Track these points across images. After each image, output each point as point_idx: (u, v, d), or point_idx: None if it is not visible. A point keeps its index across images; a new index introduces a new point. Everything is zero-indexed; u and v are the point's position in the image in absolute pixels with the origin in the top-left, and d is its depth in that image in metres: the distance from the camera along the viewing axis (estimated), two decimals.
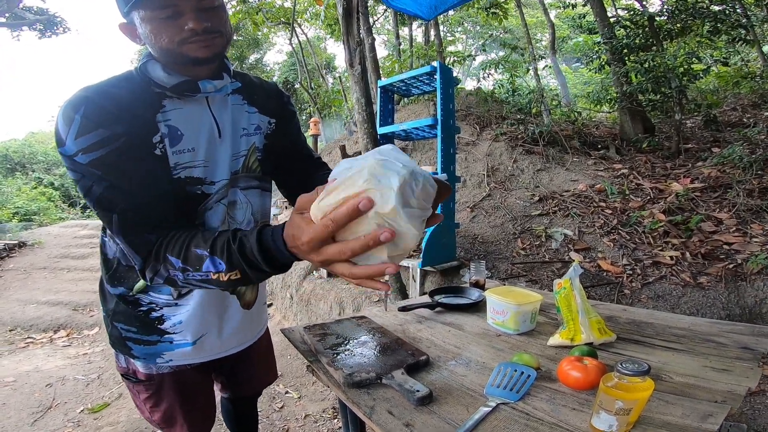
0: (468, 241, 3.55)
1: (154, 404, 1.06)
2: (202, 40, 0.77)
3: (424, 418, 0.80)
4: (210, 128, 0.87)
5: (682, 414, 0.75)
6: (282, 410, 2.49)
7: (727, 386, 0.84)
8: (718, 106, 6.35)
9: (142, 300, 0.96)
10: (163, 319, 0.97)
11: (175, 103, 0.82)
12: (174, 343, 1.00)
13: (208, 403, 1.17)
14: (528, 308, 1.24)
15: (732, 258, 3.02)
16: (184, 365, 1.03)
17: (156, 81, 0.81)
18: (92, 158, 0.71)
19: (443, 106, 2.88)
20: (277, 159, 1.05)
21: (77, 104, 0.72)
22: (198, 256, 0.69)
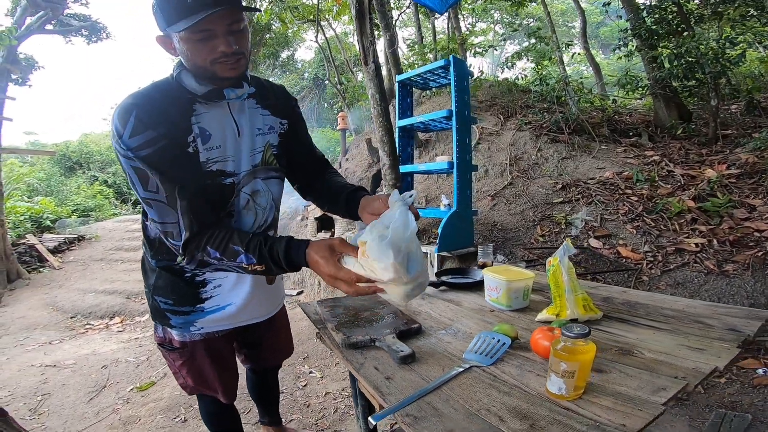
0: (487, 228, 3.61)
1: (188, 368, 1.23)
2: (231, 61, 0.92)
3: (403, 374, 0.92)
4: (232, 128, 1.02)
5: (636, 386, 0.78)
6: (305, 388, 2.67)
7: (694, 364, 0.86)
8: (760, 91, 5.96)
9: (186, 268, 1.10)
10: (206, 282, 1.14)
11: (203, 107, 0.97)
12: (205, 311, 1.15)
13: (233, 367, 1.34)
14: (519, 285, 1.32)
15: (762, 245, 2.92)
16: (213, 332, 1.20)
17: (189, 89, 0.95)
18: (147, 153, 0.88)
19: (457, 98, 2.97)
20: (291, 155, 1.20)
21: (129, 109, 0.87)
22: (234, 251, 0.91)
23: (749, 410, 1.82)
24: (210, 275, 1.13)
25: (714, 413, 1.76)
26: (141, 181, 0.90)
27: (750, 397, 1.93)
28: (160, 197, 0.91)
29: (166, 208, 0.91)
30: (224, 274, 1.14)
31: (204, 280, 1.13)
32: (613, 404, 0.73)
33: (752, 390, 1.99)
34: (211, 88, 0.96)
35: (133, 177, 0.91)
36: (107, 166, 13.64)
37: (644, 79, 5.63)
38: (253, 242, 0.91)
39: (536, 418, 0.71)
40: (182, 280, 1.12)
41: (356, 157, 6.50)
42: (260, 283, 1.23)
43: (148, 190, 0.91)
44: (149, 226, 1.11)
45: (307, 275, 4.55)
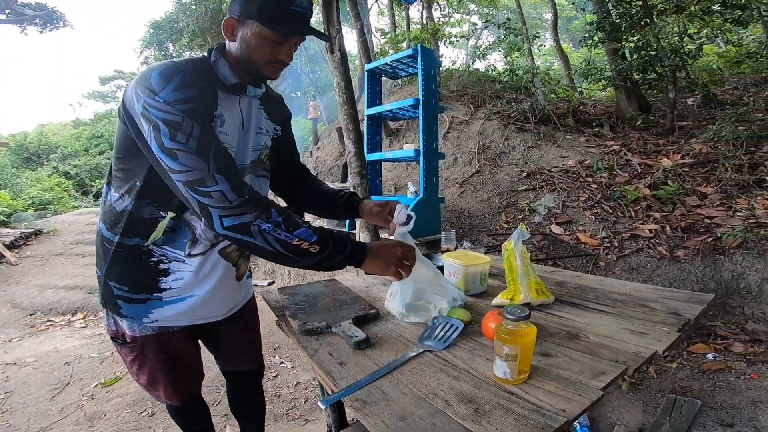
0: (455, 215, 3.67)
1: (139, 366, 1.15)
2: (279, 68, 1.00)
3: (357, 359, 0.93)
4: (238, 121, 1.05)
5: (579, 371, 0.80)
6: (276, 379, 2.67)
7: (635, 348, 0.89)
8: (716, 84, 6.26)
9: (154, 251, 1.03)
10: (169, 271, 1.06)
11: (223, 95, 1.00)
12: (163, 300, 1.07)
13: (191, 367, 1.24)
14: (476, 270, 1.34)
15: (712, 232, 3.08)
16: (168, 327, 1.12)
17: (219, 75, 0.99)
18: (188, 108, 0.88)
19: (424, 87, 2.99)
20: (279, 162, 1.24)
21: (176, 69, 0.90)
22: (296, 223, 0.92)
23: (699, 396, 1.89)
24: (176, 265, 1.07)
25: (665, 398, 1.82)
26: (169, 132, 0.87)
27: (700, 383, 2.01)
28: (189, 148, 0.88)
29: (195, 158, 0.88)
30: (190, 267, 1.08)
31: (168, 269, 1.07)
32: (556, 389, 0.76)
33: (702, 375, 2.07)
34: (238, 81, 1.01)
35: (161, 128, 0.87)
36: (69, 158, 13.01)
37: (608, 71, 5.80)
38: (314, 224, 0.96)
39: (481, 402, 0.73)
40: (143, 265, 1.05)
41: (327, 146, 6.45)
42: (227, 278, 1.17)
43: (175, 140, 0.87)
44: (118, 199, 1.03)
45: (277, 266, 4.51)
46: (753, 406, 1.74)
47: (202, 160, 0.88)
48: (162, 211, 1.01)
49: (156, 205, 1.01)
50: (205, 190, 0.88)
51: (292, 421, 2.21)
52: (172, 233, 1.04)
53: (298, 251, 0.92)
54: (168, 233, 1.03)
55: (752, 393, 1.85)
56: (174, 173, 0.89)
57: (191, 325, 1.16)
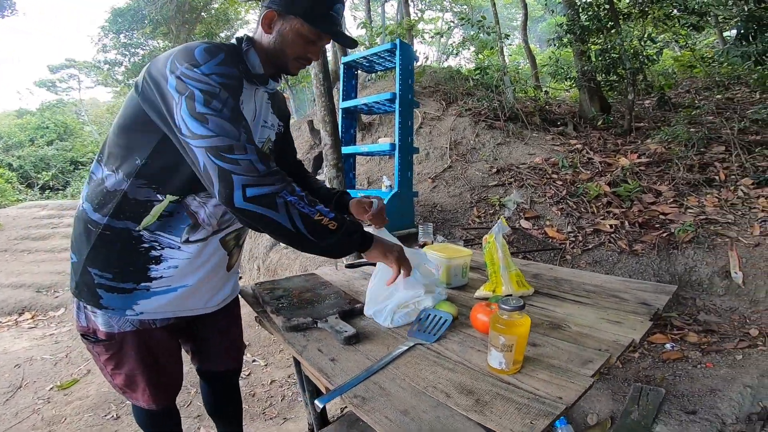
0: (427, 210, 3.72)
1: (115, 366, 1.07)
2: (304, 65, 1.05)
3: (348, 355, 0.92)
4: (252, 111, 1.06)
5: (567, 359, 0.83)
6: (249, 377, 2.60)
7: (614, 337, 0.93)
8: (671, 88, 6.64)
9: (145, 237, 0.97)
10: (161, 259, 0.99)
11: (245, 83, 1.01)
12: (151, 290, 1.00)
13: (173, 367, 1.16)
14: (458, 262, 1.36)
15: (666, 227, 3.29)
16: (151, 321, 1.05)
17: (248, 65, 1.01)
18: (226, 82, 0.89)
19: (402, 82, 2.99)
20: (280, 157, 1.25)
21: (221, 48, 0.92)
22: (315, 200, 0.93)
23: (661, 384, 1.97)
24: (169, 252, 1.00)
25: (632, 387, 1.90)
26: (205, 98, 0.86)
27: (661, 371, 2.10)
28: (223, 115, 0.87)
29: (228, 125, 0.86)
30: (187, 254, 1.02)
31: (160, 256, 1.00)
32: (549, 377, 0.78)
33: (662, 364, 2.17)
34: (263, 73, 1.04)
35: (196, 95, 0.86)
36: (12, 149, 12.07)
37: (573, 72, 6.03)
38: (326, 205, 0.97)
39: (481, 393, 0.74)
40: (133, 251, 0.98)
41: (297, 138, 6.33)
42: (219, 267, 1.13)
43: (209, 106, 0.86)
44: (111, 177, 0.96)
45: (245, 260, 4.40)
46: (712, 393, 1.82)
47: (235, 128, 0.87)
48: (159, 194, 0.95)
49: (155, 187, 0.95)
50: (233, 158, 0.85)
51: (270, 420, 2.16)
52: (168, 218, 0.98)
53: (318, 228, 0.90)
54: (164, 218, 0.98)
55: (710, 381, 1.93)
56: (198, 139, 0.85)
57: (177, 318, 1.10)
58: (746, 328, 2.47)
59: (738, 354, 2.20)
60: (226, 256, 1.14)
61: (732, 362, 2.12)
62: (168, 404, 1.20)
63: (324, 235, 0.91)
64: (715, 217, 3.29)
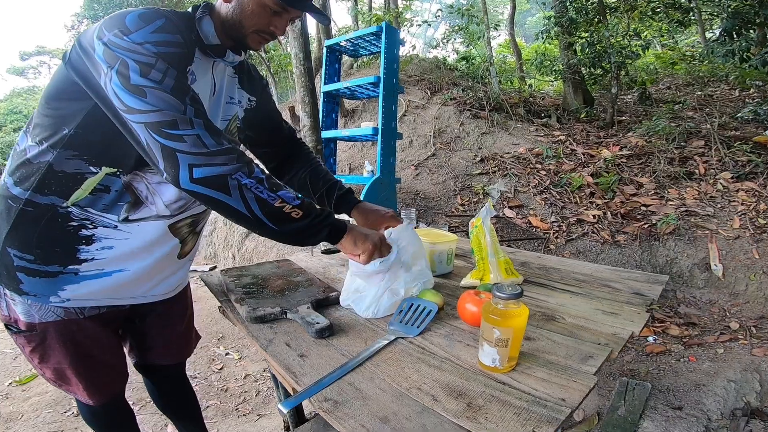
0: (410, 197, 3.63)
1: (41, 358, 0.95)
2: (266, 39, 0.94)
3: (320, 350, 0.81)
4: (210, 85, 0.96)
5: (565, 354, 0.76)
6: (221, 371, 2.47)
7: (612, 329, 0.86)
8: (653, 83, 6.70)
9: (74, 214, 0.85)
10: (93, 239, 0.87)
11: (198, 54, 0.92)
12: (80, 274, 0.88)
13: (110, 360, 1.04)
14: (443, 248, 1.26)
15: (648, 219, 3.29)
16: (78, 311, 0.91)
17: (200, 33, 0.91)
18: (164, 51, 0.78)
19: (386, 65, 2.86)
20: (257, 133, 1.17)
21: (159, 14, 0.80)
22: (279, 184, 0.83)
23: (646, 378, 1.95)
24: (103, 232, 0.88)
25: (618, 382, 1.87)
26: (141, 69, 0.76)
27: (645, 365, 2.08)
28: (164, 86, 0.76)
29: (170, 97, 0.76)
30: (125, 234, 0.90)
31: (92, 236, 0.87)
32: (548, 375, 0.69)
33: (646, 357, 2.15)
34: (219, 44, 0.93)
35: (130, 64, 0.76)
36: None
37: (558, 65, 6.00)
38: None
39: (473, 396, 0.64)
40: (59, 230, 0.85)
41: None
42: (171, 254, 1.00)
43: (147, 77, 0.75)
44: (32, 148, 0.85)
45: (220, 248, 4.22)
46: (696, 389, 1.81)
47: (178, 100, 0.77)
48: (93, 166, 0.84)
49: (87, 158, 0.84)
50: (177, 133, 0.75)
51: (243, 417, 2.04)
52: (103, 193, 0.86)
53: (279, 215, 0.81)
54: (98, 192, 0.86)
55: (693, 376, 1.92)
56: (136, 113, 0.75)
57: (111, 306, 0.96)
58: (726, 321, 2.49)
59: (719, 347, 2.21)
60: (179, 244, 1.01)
61: (714, 356, 2.12)
62: (110, 400, 1.07)
63: (286, 223, 0.82)
64: (696, 209, 3.31)
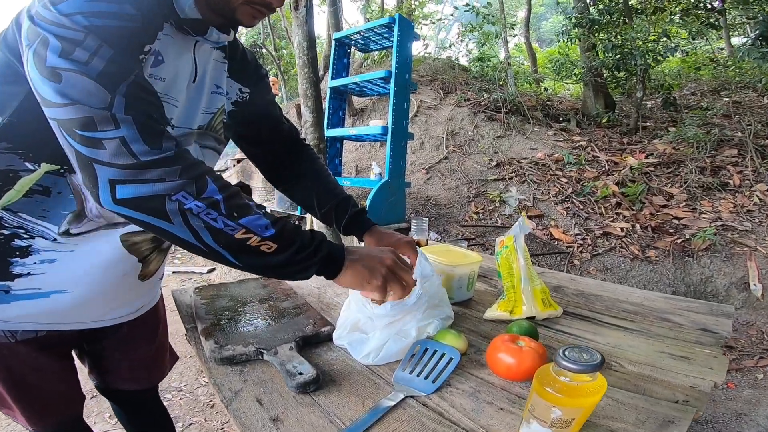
0: (420, 203, 3.41)
1: None
2: (261, 13, 0.73)
3: (300, 412, 0.60)
4: (188, 69, 0.78)
5: (636, 420, 0.58)
6: (208, 385, 2.30)
7: (688, 380, 0.68)
8: (678, 88, 6.43)
9: (5, 220, 0.70)
10: (29, 251, 0.72)
11: (171, 30, 0.72)
12: (11, 293, 0.73)
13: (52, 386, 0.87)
14: (464, 271, 1.03)
15: (681, 233, 3.03)
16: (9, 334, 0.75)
17: (176, 7, 0.70)
18: (99, 24, 0.58)
19: (399, 60, 2.66)
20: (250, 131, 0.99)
21: None
22: (246, 206, 0.62)
23: None
24: (42, 243, 0.71)
25: None
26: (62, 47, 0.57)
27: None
28: (87, 69, 0.56)
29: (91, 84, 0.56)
30: (70, 246, 0.73)
31: (27, 247, 0.71)
32: None
33: None
34: (198, 18, 0.73)
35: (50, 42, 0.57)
36: None
37: (578, 68, 5.77)
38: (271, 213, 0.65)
39: None
40: None
41: None
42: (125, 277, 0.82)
43: (69, 58, 0.56)
44: None
45: None
46: (738, 419, 1.67)
47: (102, 90, 0.56)
48: (29, 162, 0.68)
49: (22, 152, 0.68)
50: (93, 137, 0.56)
51: None
52: (42, 196, 0.70)
53: (242, 248, 0.61)
54: (35, 194, 0.69)
55: (734, 404, 1.79)
56: (49, 107, 0.57)
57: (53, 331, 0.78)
58: (766, 344, 2.33)
59: (759, 372, 2.08)
60: (138, 263, 0.81)
61: (754, 382, 2.00)
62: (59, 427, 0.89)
63: (252, 257, 0.62)
64: (732, 224, 3.04)
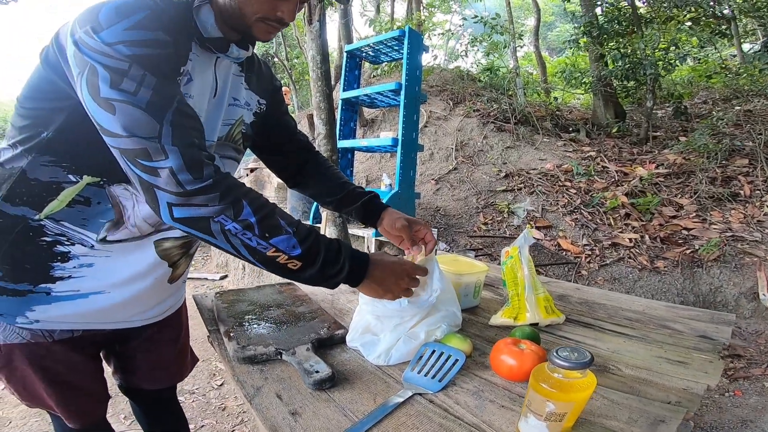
0: (429, 213, 3.46)
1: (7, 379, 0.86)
2: (275, 28, 0.79)
3: (317, 406, 0.66)
4: (210, 85, 0.84)
5: (628, 418, 0.63)
6: (221, 388, 2.37)
7: (683, 383, 0.73)
8: (688, 97, 6.40)
9: (48, 228, 0.76)
10: (69, 256, 0.78)
11: (197, 49, 0.80)
12: (52, 294, 0.79)
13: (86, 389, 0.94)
14: (471, 279, 1.10)
15: (690, 243, 3.03)
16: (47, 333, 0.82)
17: (198, 25, 0.78)
18: (140, 53, 0.65)
19: (409, 72, 2.73)
20: (266, 140, 1.06)
21: (140, 7, 0.67)
22: (278, 226, 0.68)
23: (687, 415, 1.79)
24: (80, 249, 0.78)
25: None
26: (111, 77, 0.63)
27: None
28: (137, 100, 0.64)
29: (142, 115, 0.63)
30: (106, 252, 0.79)
31: (67, 253, 0.77)
32: None
33: None
34: (221, 36, 0.79)
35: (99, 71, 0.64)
36: None
37: (587, 77, 5.79)
38: (303, 227, 0.72)
39: None
40: (31, 244, 0.76)
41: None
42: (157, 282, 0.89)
43: (118, 88, 0.63)
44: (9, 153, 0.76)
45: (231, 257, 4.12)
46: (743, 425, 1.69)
47: (152, 121, 0.63)
48: (72, 175, 0.74)
49: (66, 165, 0.74)
50: (151, 166, 0.63)
51: None
52: (82, 206, 0.76)
53: (274, 264, 0.69)
54: (77, 205, 0.75)
55: (739, 411, 1.81)
56: (109, 137, 0.64)
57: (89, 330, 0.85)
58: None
59: (766, 381, 2.09)
60: (168, 267, 0.89)
61: (761, 390, 2.01)
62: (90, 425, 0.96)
63: (283, 272, 0.71)
64: (742, 234, 3.03)
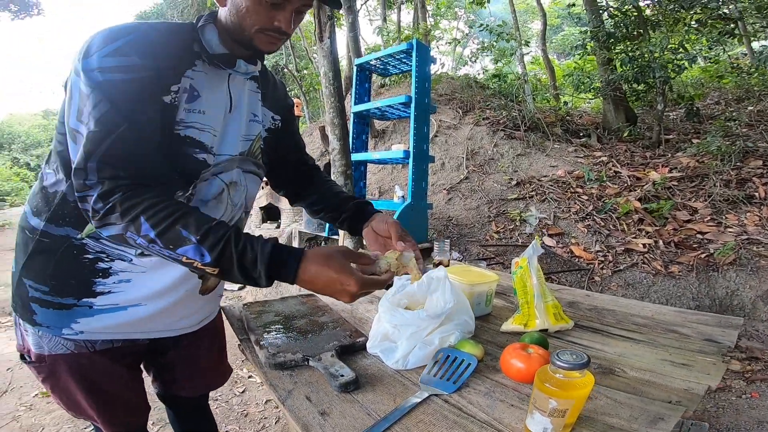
0: (442, 223, 3.51)
1: (52, 388, 0.93)
2: (276, 39, 0.82)
3: (343, 407, 0.73)
4: (224, 101, 0.88)
5: (629, 416, 0.67)
6: (243, 395, 2.43)
7: (684, 384, 0.76)
8: (700, 98, 6.34)
9: (90, 246, 0.83)
10: (110, 272, 0.84)
11: (204, 67, 0.84)
12: (94, 308, 0.85)
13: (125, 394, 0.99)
14: (482, 289, 1.15)
15: (705, 247, 3.02)
16: (90, 344, 0.87)
17: (204, 43, 0.83)
18: (108, 78, 0.70)
19: (418, 84, 2.80)
20: (278, 157, 1.08)
21: (129, 30, 0.73)
22: (180, 237, 0.69)
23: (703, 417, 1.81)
24: (120, 265, 0.85)
25: None
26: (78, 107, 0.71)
27: (703, 403, 1.93)
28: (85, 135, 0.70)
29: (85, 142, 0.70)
30: (142, 267, 0.87)
31: (108, 269, 0.84)
32: None
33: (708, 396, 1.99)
34: (226, 52, 0.85)
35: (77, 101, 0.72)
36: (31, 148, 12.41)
37: (596, 82, 5.79)
38: (215, 233, 0.70)
39: None
40: (75, 262, 0.83)
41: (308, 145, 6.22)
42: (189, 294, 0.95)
43: (79, 120, 0.71)
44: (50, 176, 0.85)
45: None
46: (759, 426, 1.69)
47: (84, 158, 0.69)
48: None
49: None
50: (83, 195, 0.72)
51: None
52: None
53: (196, 269, 0.72)
54: None
55: (756, 413, 1.81)
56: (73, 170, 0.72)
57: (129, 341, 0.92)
58: None
59: None
60: (198, 279, 0.95)
61: None
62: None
63: (210, 277, 0.75)
64: (758, 237, 3.01)
